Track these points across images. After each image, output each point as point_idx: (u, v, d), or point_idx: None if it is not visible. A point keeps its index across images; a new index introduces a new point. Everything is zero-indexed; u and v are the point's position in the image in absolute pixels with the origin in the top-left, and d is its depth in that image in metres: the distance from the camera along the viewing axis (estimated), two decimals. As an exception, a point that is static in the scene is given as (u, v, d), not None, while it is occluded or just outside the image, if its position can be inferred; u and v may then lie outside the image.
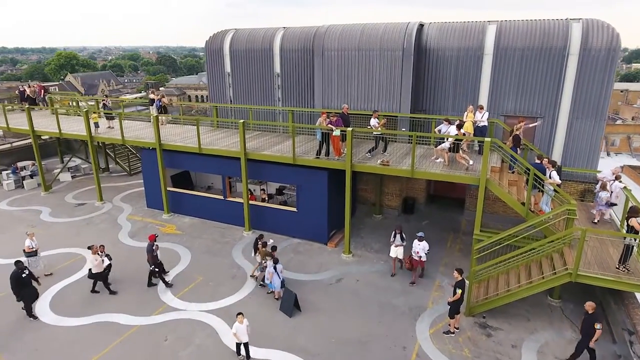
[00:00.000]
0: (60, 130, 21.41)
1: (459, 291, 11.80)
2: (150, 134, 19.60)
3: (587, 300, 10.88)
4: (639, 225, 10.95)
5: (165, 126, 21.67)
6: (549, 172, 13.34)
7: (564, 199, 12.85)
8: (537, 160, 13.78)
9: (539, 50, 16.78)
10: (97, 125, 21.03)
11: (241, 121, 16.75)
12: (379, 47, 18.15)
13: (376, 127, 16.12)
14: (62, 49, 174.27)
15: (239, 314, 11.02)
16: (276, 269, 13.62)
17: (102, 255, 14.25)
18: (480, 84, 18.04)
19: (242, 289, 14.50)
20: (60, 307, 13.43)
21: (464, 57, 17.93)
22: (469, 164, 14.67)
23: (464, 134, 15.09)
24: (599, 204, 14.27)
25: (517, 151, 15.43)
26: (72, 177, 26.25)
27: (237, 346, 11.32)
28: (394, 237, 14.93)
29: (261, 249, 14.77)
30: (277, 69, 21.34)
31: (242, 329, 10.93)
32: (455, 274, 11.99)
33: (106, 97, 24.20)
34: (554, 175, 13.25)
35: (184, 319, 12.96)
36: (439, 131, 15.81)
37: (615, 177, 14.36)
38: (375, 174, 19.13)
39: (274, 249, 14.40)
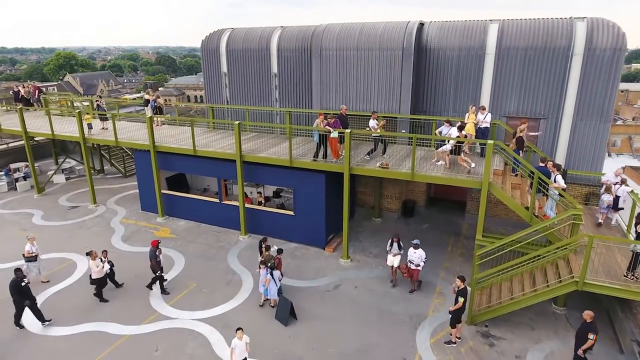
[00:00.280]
0: (53, 131, 21.00)
1: (461, 300, 11.36)
2: (144, 135, 19.16)
3: (593, 309, 10.44)
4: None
5: (160, 127, 21.27)
6: (554, 175, 12.91)
7: (570, 204, 12.43)
8: (541, 163, 13.32)
9: (542, 49, 16.36)
10: (90, 126, 20.62)
11: (236, 122, 16.31)
12: (378, 47, 17.72)
13: (375, 128, 15.69)
14: (62, 49, 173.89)
15: (239, 329, 10.26)
16: (273, 275, 13.20)
17: (104, 260, 13.80)
18: (482, 85, 17.61)
19: (237, 295, 14.05)
20: (48, 315, 12.92)
21: (465, 56, 17.51)
22: (470, 166, 14.25)
23: (465, 136, 14.67)
24: (601, 207, 13.96)
25: (520, 153, 15.03)
26: (67, 178, 25.83)
27: None
28: (391, 245, 14.27)
29: (265, 252, 14.44)
30: (275, 69, 20.91)
31: (241, 345, 10.18)
32: (457, 281, 11.52)
33: (100, 98, 23.72)
34: (559, 179, 12.81)
35: (175, 328, 12.51)
36: (440, 133, 15.38)
37: (620, 180, 13.97)
38: (374, 177, 18.70)
39: (279, 251, 14.09)
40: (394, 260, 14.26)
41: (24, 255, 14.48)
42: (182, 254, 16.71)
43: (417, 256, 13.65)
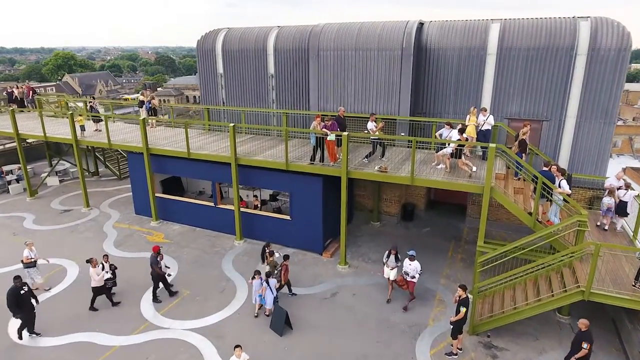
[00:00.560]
0: (45, 133, 20.57)
1: (462, 310, 10.91)
2: (138, 137, 18.71)
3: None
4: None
5: (155, 129, 20.84)
6: (559, 180, 12.48)
7: (575, 210, 12.00)
8: (544, 167, 12.88)
9: (545, 50, 15.93)
10: (83, 128, 20.18)
11: (231, 125, 15.88)
12: (377, 47, 17.29)
13: (373, 131, 15.26)
14: (61, 49, 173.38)
15: (237, 346, 9.79)
16: (269, 283, 12.76)
17: (106, 265, 13.33)
18: (483, 86, 17.18)
19: (231, 304, 13.60)
20: (36, 325, 12.45)
21: (466, 57, 17.07)
22: (472, 170, 13.82)
23: (466, 139, 14.24)
24: (602, 210, 13.72)
25: (522, 157, 14.59)
26: (60, 181, 25.37)
27: None
28: (387, 257, 13.52)
29: (269, 258, 14.11)
30: (271, 69, 20.49)
31: None
32: (459, 290, 11.07)
33: (93, 99, 23.27)
34: (564, 184, 12.38)
35: (167, 339, 12.06)
36: (440, 136, 14.96)
37: (624, 184, 13.57)
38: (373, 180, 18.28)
39: (286, 257, 13.76)
40: (390, 273, 13.53)
41: (23, 261, 14.02)
42: (175, 260, 16.26)
43: (412, 268, 12.96)
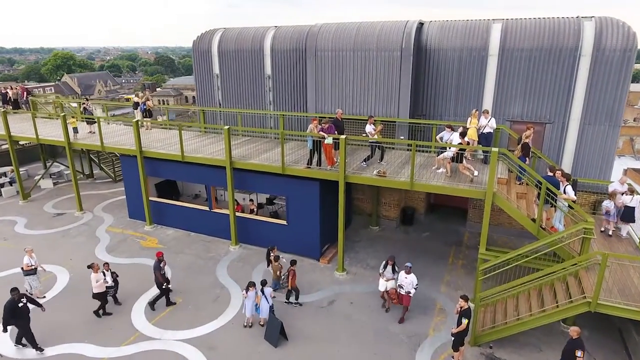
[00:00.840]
0: (37, 135, 20.16)
1: (464, 321, 10.48)
2: (132, 139, 18.29)
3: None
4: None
5: (150, 131, 20.42)
6: (563, 186, 12.06)
7: (580, 216, 11.59)
8: (549, 172, 12.45)
9: (548, 50, 15.53)
10: (76, 130, 19.76)
11: (226, 127, 15.46)
12: (376, 47, 16.87)
13: (372, 134, 14.85)
14: (61, 49, 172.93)
15: None
16: (264, 292, 12.35)
17: (106, 273, 12.95)
18: (484, 87, 16.77)
19: (225, 313, 13.18)
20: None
21: (467, 58, 16.66)
22: (473, 175, 13.40)
23: (467, 142, 13.82)
24: (604, 213, 13.42)
25: (525, 161, 14.17)
26: (54, 183, 24.95)
27: None
28: (384, 268, 12.97)
29: (274, 263, 13.79)
30: (268, 70, 20.08)
31: None
32: (460, 301, 10.63)
33: (87, 101, 22.85)
34: (569, 190, 11.97)
35: (157, 350, 11.65)
36: (441, 139, 14.54)
37: (628, 189, 13.18)
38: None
39: (293, 263, 13.43)
40: (386, 284, 12.97)
41: (23, 268, 13.63)
42: (169, 266, 15.73)
43: (408, 282, 12.33)
